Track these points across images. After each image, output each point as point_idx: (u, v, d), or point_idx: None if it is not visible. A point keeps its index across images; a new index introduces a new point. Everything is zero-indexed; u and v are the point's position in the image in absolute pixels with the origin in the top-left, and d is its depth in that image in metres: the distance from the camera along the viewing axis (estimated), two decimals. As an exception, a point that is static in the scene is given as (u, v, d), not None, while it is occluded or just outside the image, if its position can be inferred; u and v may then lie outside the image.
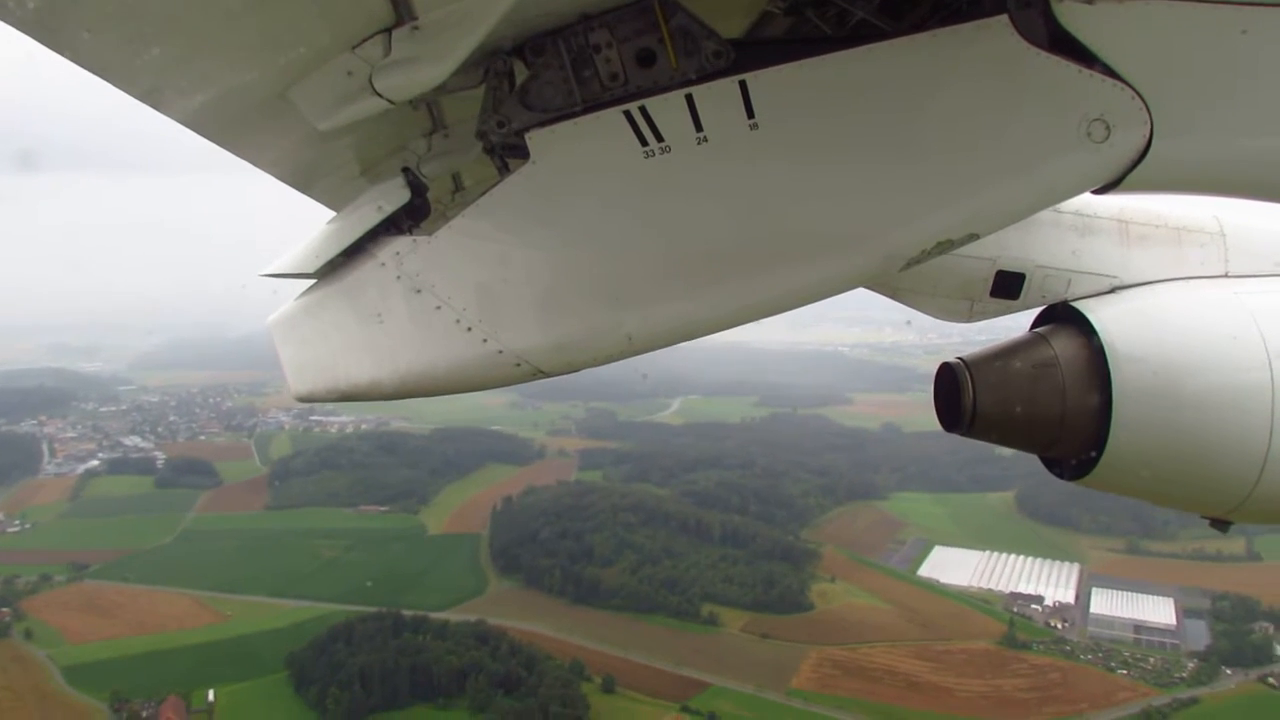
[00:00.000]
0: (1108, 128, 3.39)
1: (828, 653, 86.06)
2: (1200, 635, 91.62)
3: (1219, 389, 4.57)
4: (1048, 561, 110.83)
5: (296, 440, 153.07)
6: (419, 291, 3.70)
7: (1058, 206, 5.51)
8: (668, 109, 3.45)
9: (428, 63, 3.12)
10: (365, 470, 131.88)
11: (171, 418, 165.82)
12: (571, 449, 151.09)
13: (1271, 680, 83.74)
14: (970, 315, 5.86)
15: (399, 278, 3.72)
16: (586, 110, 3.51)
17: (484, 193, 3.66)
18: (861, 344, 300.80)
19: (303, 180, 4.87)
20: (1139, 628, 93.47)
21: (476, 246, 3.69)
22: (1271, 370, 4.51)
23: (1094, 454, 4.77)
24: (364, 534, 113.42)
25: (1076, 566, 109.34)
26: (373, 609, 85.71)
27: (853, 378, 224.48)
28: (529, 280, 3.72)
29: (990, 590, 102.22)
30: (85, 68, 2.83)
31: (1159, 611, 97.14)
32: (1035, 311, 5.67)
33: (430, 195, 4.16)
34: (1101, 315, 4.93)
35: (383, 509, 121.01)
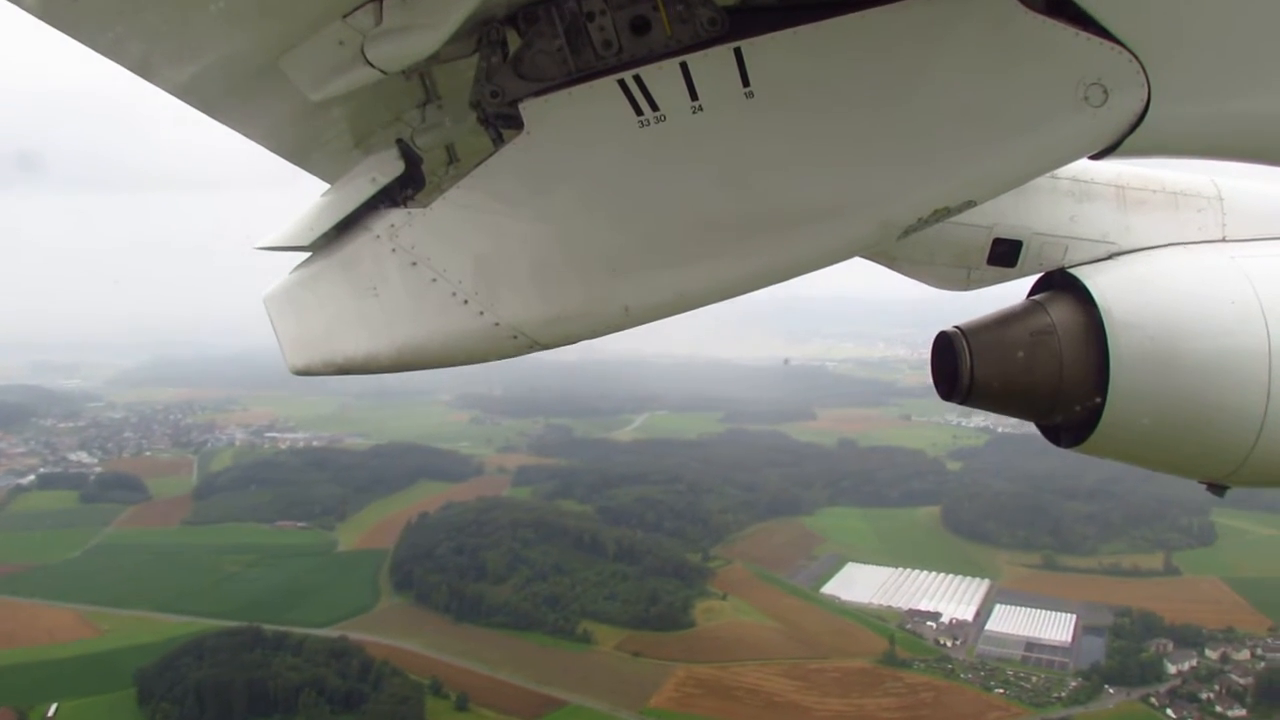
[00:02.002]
0: (1105, 91, 3.36)
1: (695, 671, 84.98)
2: (1097, 653, 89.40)
3: (1216, 354, 4.55)
4: (958, 578, 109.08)
5: (239, 456, 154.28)
6: (414, 264, 3.65)
7: (1055, 172, 5.44)
8: (662, 78, 3.40)
9: (420, 31, 3.10)
10: (292, 486, 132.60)
11: (126, 433, 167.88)
12: (512, 465, 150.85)
13: (1153, 700, 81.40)
14: (968, 283, 5.82)
15: (394, 250, 3.67)
16: (581, 79, 3.46)
17: (478, 164, 3.63)
18: (850, 359, 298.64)
19: (296, 152, 4.83)
20: (1031, 645, 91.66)
21: (472, 218, 3.64)
22: (1269, 334, 4.51)
23: (1091, 421, 4.75)
24: (273, 550, 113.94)
25: (986, 582, 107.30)
26: (241, 624, 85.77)
27: (827, 393, 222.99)
28: (524, 252, 3.68)
29: (889, 607, 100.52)
30: (74, 38, 2.81)
31: (1057, 629, 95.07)
32: (1033, 279, 5.64)
33: (425, 167, 4.15)
34: (1099, 281, 4.89)
35: (300, 525, 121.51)
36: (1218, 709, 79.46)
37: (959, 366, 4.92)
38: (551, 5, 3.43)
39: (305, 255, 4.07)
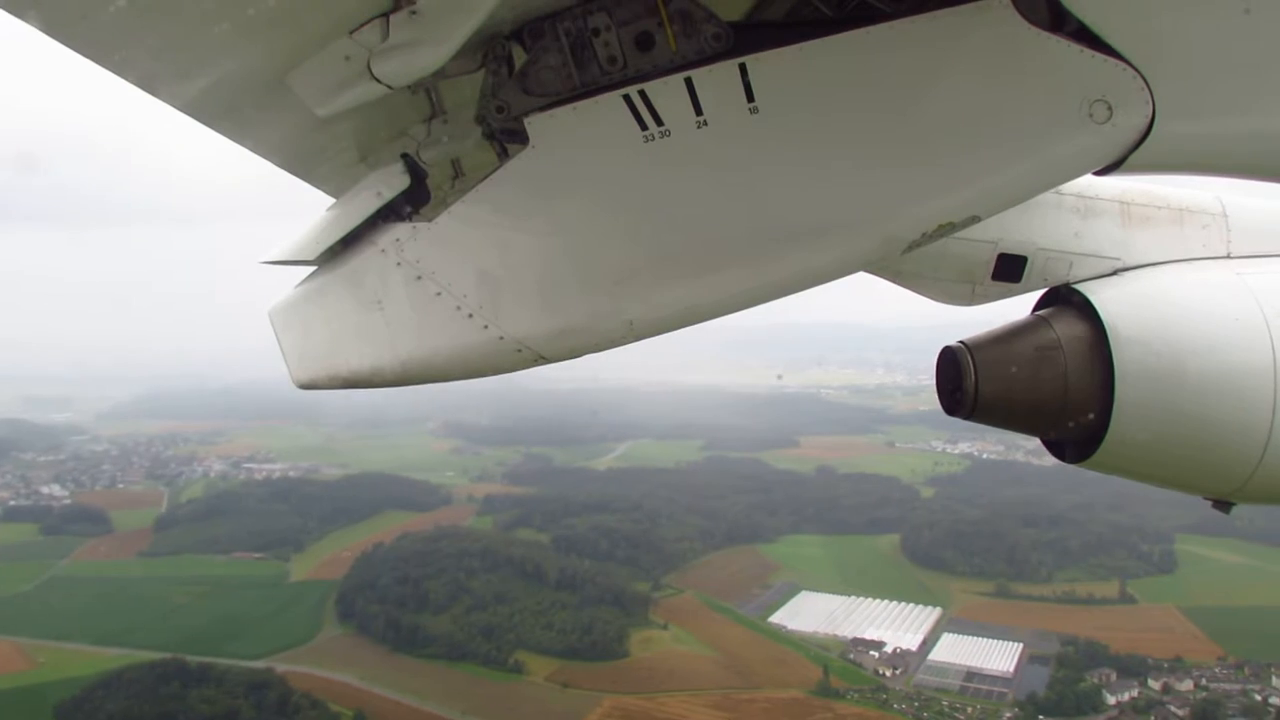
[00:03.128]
0: (1110, 108, 3.39)
1: (623, 702, 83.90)
2: (1040, 683, 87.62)
3: (1222, 370, 4.55)
4: (910, 605, 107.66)
5: (210, 487, 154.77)
6: (419, 278, 3.71)
7: (1059, 188, 5.52)
8: (667, 93, 3.47)
9: (426, 47, 3.15)
10: (254, 517, 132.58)
11: (104, 466, 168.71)
12: (481, 495, 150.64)
13: (1085, 732, 79.61)
14: (972, 298, 5.87)
15: (399, 264, 3.73)
16: (585, 94, 3.53)
17: (484, 178, 3.69)
18: (847, 385, 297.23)
19: (301, 167, 4.90)
20: (972, 675, 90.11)
21: (476, 232, 3.71)
22: (1274, 350, 4.52)
23: (1096, 436, 4.77)
24: (224, 581, 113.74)
25: (937, 611, 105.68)
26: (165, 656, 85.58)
27: (814, 420, 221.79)
28: (529, 266, 3.73)
29: (834, 636, 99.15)
30: (82, 54, 2.86)
31: (1001, 658, 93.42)
32: (1037, 294, 5.68)
33: (430, 181, 4.21)
34: (1104, 297, 4.91)
35: (257, 556, 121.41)
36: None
37: (964, 382, 4.92)
38: (557, 21, 3.48)
39: (311, 269, 4.08)
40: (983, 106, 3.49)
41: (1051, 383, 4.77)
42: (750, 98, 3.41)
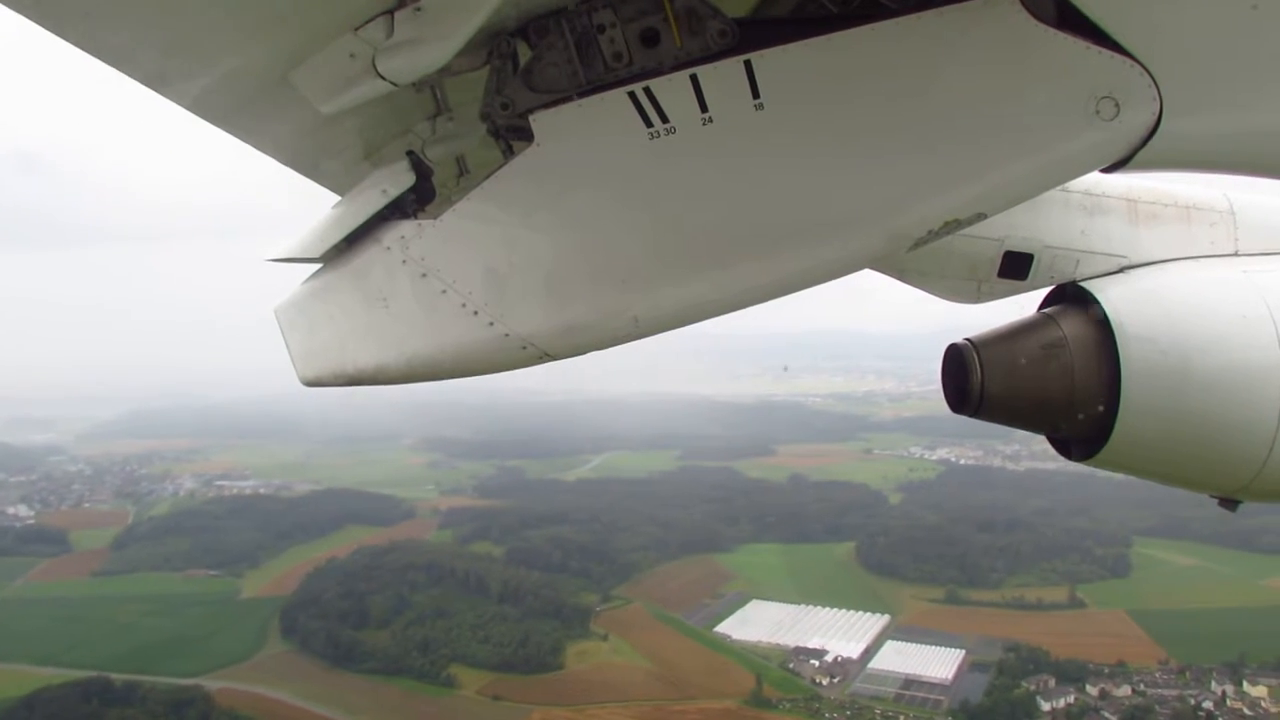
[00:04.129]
0: (1117, 105, 3.39)
1: (552, 714, 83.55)
2: (978, 690, 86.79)
3: (1228, 368, 4.58)
4: (859, 613, 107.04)
5: (177, 505, 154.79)
6: (424, 275, 3.72)
7: (1066, 186, 5.53)
8: (672, 89, 3.47)
9: (430, 44, 3.17)
10: (213, 534, 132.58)
11: (75, 486, 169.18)
12: (445, 508, 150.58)
13: (1015, 739, 78.68)
14: (978, 296, 5.90)
15: (404, 262, 3.74)
16: (591, 91, 3.53)
17: (488, 176, 3.70)
18: (834, 394, 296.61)
19: (306, 164, 4.95)
20: (910, 683, 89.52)
21: (482, 230, 3.72)
22: None
23: (1102, 434, 4.80)
24: (174, 599, 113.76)
25: (884, 618, 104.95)
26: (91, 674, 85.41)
27: (795, 428, 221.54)
28: (535, 263, 3.74)
29: (778, 645, 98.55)
30: (87, 52, 2.89)
31: (941, 666, 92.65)
32: (1044, 292, 5.70)
33: (435, 179, 4.24)
34: (1110, 295, 4.93)
35: (211, 573, 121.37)
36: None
37: (970, 379, 4.93)
38: (562, 17, 3.47)
39: (316, 267, 4.08)
40: (989, 103, 3.48)
41: (1058, 380, 4.77)
42: (756, 95, 3.40)
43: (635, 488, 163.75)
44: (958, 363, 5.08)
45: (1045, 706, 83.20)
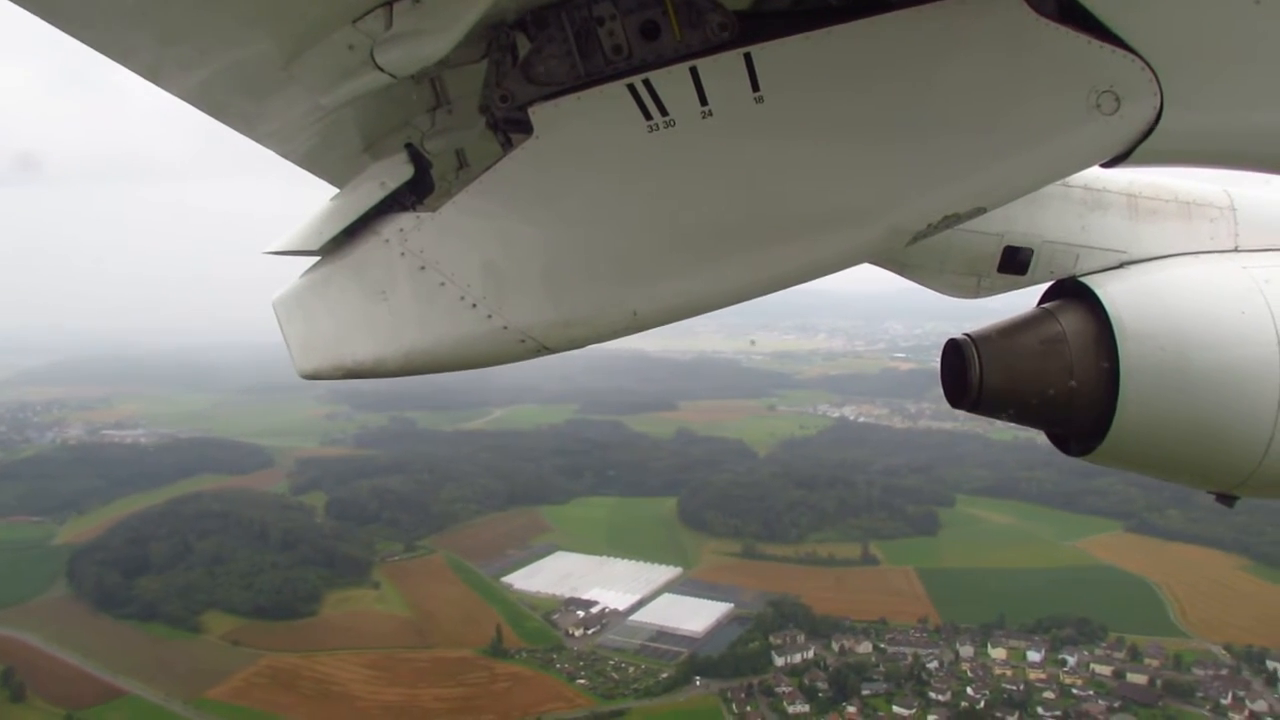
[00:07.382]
0: (1117, 100, 3.34)
1: (279, 660, 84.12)
2: (725, 644, 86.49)
3: (1228, 364, 4.57)
4: (654, 565, 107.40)
5: (40, 452, 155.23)
6: (423, 268, 3.66)
7: (1066, 181, 5.50)
8: (672, 82, 3.38)
9: (430, 36, 3.11)
10: (51, 481, 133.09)
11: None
12: (306, 457, 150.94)
13: (729, 694, 78.08)
14: (978, 291, 5.86)
15: (403, 254, 3.67)
16: (590, 84, 3.46)
17: (487, 168, 3.63)
18: (776, 352, 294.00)
19: (304, 156, 4.90)
20: (659, 635, 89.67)
21: (480, 223, 3.66)
22: None
23: (1101, 430, 4.77)
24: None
25: (675, 570, 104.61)
26: None
27: (709, 385, 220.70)
28: (533, 256, 3.69)
29: (554, 596, 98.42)
30: (84, 42, 2.87)
31: (701, 619, 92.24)
32: (1043, 287, 5.68)
33: (434, 171, 4.15)
34: (1110, 290, 4.91)
35: (35, 519, 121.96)
36: (785, 705, 76.22)
37: (968, 374, 4.91)
38: (561, 9, 3.44)
39: (314, 260, 4.02)
40: (989, 97, 3.44)
41: (1056, 375, 4.76)
42: (756, 87, 3.34)
43: (511, 439, 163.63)
44: (956, 357, 5.05)
45: (779, 661, 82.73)
